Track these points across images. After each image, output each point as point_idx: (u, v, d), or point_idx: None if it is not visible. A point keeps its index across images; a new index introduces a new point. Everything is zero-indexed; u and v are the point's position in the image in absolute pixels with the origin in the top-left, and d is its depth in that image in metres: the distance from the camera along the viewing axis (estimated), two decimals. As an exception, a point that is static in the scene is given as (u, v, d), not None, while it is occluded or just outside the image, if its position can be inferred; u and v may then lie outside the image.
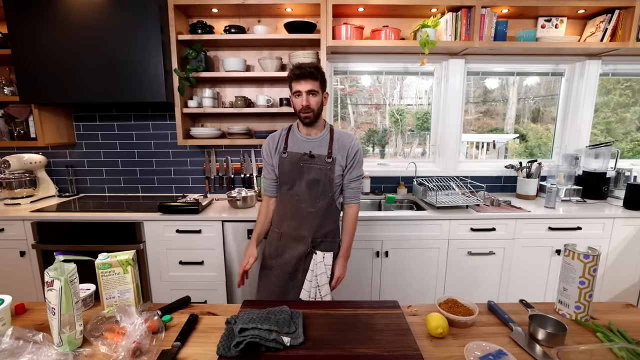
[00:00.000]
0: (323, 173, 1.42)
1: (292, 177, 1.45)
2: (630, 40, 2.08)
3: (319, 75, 1.37)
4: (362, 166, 1.49)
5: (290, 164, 1.44)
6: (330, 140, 1.45)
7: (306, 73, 1.34)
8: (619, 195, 2.32)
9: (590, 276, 0.94)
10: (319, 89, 1.38)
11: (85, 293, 1.04)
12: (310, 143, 1.45)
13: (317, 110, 1.40)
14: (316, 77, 1.36)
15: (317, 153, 1.43)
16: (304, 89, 1.35)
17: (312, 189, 1.43)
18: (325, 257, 1.46)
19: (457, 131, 2.51)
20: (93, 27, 2.01)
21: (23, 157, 2.29)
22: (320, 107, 1.41)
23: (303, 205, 1.45)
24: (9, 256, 2.03)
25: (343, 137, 1.46)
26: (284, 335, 0.83)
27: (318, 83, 1.37)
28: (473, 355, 0.79)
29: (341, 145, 1.44)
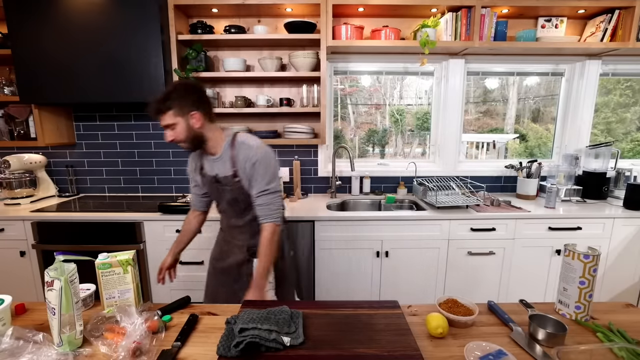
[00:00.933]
0: (237, 192, 1.35)
1: (215, 197, 1.44)
2: (630, 40, 2.08)
3: (166, 106, 1.24)
4: (270, 178, 1.32)
5: (209, 184, 1.41)
6: (232, 157, 1.33)
7: (153, 111, 1.25)
8: (619, 195, 2.32)
9: (590, 276, 0.94)
10: (175, 119, 1.25)
11: (85, 293, 1.04)
12: (215, 163, 1.37)
13: (190, 137, 1.29)
14: (163, 110, 1.24)
15: (222, 175, 1.35)
16: (162, 124, 1.27)
17: (234, 206, 1.40)
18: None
19: (457, 131, 2.51)
20: (93, 27, 2.01)
21: (23, 157, 2.29)
22: (192, 132, 1.28)
23: (232, 220, 1.45)
24: (9, 256, 2.03)
25: (243, 151, 1.32)
26: (284, 335, 0.83)
27: (172, 113, 1.25)
28: (473, 355, 0.79)
29: (242, 159, 1.32)
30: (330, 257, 2.04)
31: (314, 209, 2.13)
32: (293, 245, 1.58)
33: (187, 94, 1.27)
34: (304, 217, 1.99)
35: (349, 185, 2.57)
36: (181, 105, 1.26)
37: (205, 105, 1.31)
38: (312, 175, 2.57)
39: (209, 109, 1.33)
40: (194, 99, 1.28)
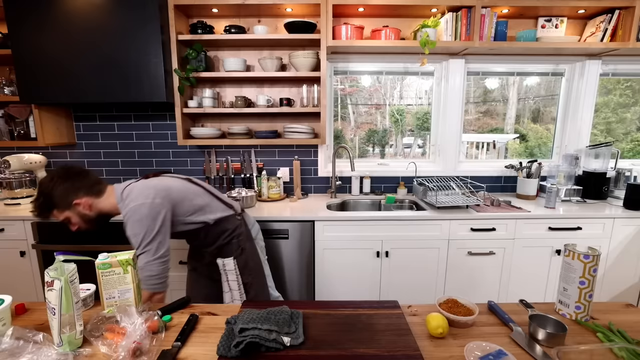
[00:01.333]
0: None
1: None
2: (631, 40, 2.08)
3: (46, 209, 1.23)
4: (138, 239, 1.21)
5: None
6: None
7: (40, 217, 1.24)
8: (619, 195, 2.32)
9: (591, 276, 0.94)
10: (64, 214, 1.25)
11: (85, 293, 1.04)
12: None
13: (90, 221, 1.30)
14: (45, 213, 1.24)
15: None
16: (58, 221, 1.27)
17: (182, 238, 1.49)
18: (225, 263, 1.46)
19: (457, 131, 2.51)
20: (93, 27, 2.01)
21: (23, 157, 2.29)
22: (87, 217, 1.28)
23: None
24: (9, 256, 2.03)
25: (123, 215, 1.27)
26: (284, 335, 0.83)
27: (56, 212, 1.24)
28: (473, 355, 0.79)
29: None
30: (330, 257, 2.04)
31: (314, 209, 2.13)
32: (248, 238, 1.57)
33: (58, 186, 1.22)
34: (304, 217, 1.99)
35: (349, 185, 2.57)
36: (60, 200, 1.22)
37: (84, 184, 1.26)
38: (312, 175, 2.57)
39: (90, 185, 1.28)
40: (68, 188, 1.22)
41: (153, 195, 1.25)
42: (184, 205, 1.35)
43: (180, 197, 1.34)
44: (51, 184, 1.22)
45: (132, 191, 1.26)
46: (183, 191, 1.37)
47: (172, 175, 1.46)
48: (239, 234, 1.50)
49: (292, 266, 2.07)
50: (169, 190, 1.32)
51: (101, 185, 1.32)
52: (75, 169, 1.29)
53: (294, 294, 2.11)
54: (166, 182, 1.36)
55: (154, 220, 1.22)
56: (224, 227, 1.46)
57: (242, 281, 1.49)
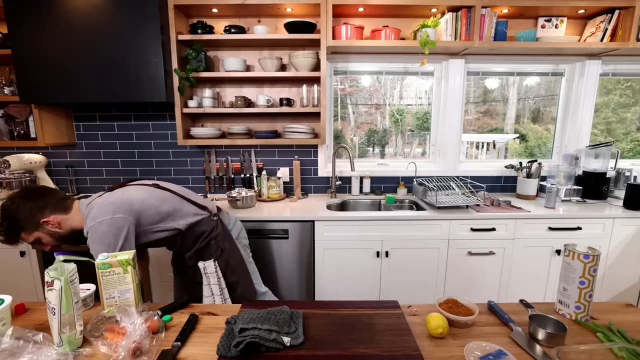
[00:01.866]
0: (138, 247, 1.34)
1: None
2: (630, 40, 2.08)
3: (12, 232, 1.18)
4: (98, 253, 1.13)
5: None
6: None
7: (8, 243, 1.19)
8: (619, 195, 2.32)
9: (590, 276, 0.94)
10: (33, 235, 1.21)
11: (85, 293, 1.04)
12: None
13: (62, 239, 1.25)
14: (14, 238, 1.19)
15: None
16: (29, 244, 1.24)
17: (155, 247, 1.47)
18: (206, 266, 1.43)
19: (457, 131, 2.51)
20: (93, 27, 2.01)
21: (23, 157, 2.29)
22: (58, 235, 1.24)
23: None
24: (9, 256, 2.03)
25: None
26: (284, 335, 0.83)
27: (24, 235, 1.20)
28: (473, 355, 0.79)
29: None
30: (330, 257, 2.04)
31: (314, 209, 2.13)
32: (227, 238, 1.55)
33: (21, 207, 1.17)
34: (304, 217, 1.99)
35: (349, 185, 2.57)
36: (26, 221, 1.19)
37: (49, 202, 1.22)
38: (312, 175, 2.57)
39: (56, 202, 1.23)
40: (32, 208, 1.18)
41: (113, 210, 1.22)
42: (148, 215, 1.31)
43: (143, 208, 1.30)
44: (14, 206, 1.17)
45: (93, 208, 1.23)
46: (146, 201, 1.32)
47: (138, 184, 1.42)
48: (216, 235, 1.47)
49: (292, 266, 2.07)
50: (131, 203, 1.28)
51: (67, 201, 1.28)
52: (38, 188, 1.25)
53: (294, 294, 2.11)
54: (128, 193, 1.32)
55: (116, 236, 1.20)
56: (199, 230, 1.43)
57: (227, 281, 1.47)
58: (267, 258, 2.05)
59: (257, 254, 1.92)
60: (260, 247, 2.02)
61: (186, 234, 1.41)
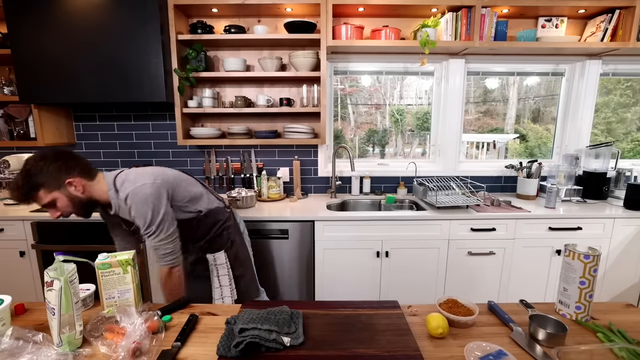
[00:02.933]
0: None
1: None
2: (631, 40, 2.08)
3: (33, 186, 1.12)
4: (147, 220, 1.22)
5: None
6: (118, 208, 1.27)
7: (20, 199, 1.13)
8: (620, 196, 2.32)
9: (591, 276, 0.94)
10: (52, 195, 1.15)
11: (85, 293, 1.04)
12: (116, 218, 1.32)
13: (78, 205, 1.22)
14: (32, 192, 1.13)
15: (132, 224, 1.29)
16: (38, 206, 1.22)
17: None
18: (216, 257, 1.46)
19: (457, 131, 2.51)
20: (93, 27, 2.01)
21: (23, 157, 2.29)
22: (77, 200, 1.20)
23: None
24: (9, 256, 2.03)
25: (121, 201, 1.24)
26: (284, 336, 0.83)
27: (43, 191, 1.14)
28: (473, 355, 0.79)
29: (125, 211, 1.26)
30: (330, 257, 2.04)
31: (314, 209, 2.13)
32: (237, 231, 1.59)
33: (49, 164, 1.14)
34: (304, 217, 1.99)
35: (349, 185, 2.57)
36: (50, 178, 1.14)
37: (78, 164, 1.21)
38: (312, 175, 2.57)
39: (83, 166, 1.23)
40: (60, 166, 1.16)
41: (152, 177, 1.25)
42: (179, 191, 1.34)
43: (177, 182, 1.34)
44: (42, 162, 1.13)
45: (128, 176, 1.25)
46: (178, 177, 1.37)
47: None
48: (228, 227, 1.51)
49: (292, 266, 2.07)
50: (166, 174, 1.31)
51: (93, 169, 1.28)
52: (68, 151, 1.24)
53: (294, 294, 2.11)
54: (161, 168, 1.36)
55: (159, 199, 1.23)
56: (215, 218, 1.46)
57: (233, 274, 1.49)
58: (267, 258, 2.05)
59: (257, 253, 1.92)
60: (260, 247, 2.02)
61: (203, 220, 1.43)
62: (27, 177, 1.11)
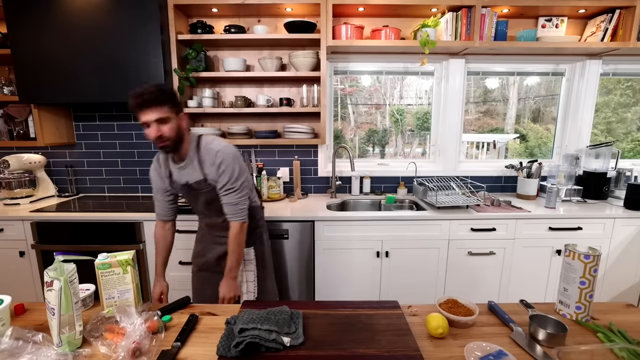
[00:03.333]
0: (210, 195, 1.38)
1: (190, 200, 1.47)
2: (631, 40, 2.08)
3: (165, 98, 1.20)
4: (234, 177, 1.34)
5: (182, 190, 1.42)
6: (199, 162, 1.34)
7: (149, 100, 1.17)
8: (620, 196, 2.32)
9: (591, 276, 0.94)
10: (169, 114, 1.22)
11: (85, 293, 1.04)
12: (183, 171, 1.37)
13: (176, 137, 1.26)
14: (162, 101, 1.19)
15: (193, 181, 1.36)
16: (151, 118, 1.18)
17: (210, 207, 1.43)
18: (246, 252, 1.49)
19: (457, 131, 2.51)
20: (93, 27, 2.01)
21: (22, 157, 2.29)
22: (178, 133, 1.27)
23: (211, 219, 1.48)
24: (9, 256, 2.03)
25: (208, 154, 1.33)
26: (284, 336, 0.83)
27: (167, 108, 1.20)
28: (473, 355, 0.79)
29: (209, 164, 1.33)
30: (331, 257, 2.04)
31: (314, 209, 2.13)
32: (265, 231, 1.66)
33: (176, 95, 1.27)
34: (304, 217, 1.99)
35: (349, 185, 2.57)
36: (176, 103, 1.25)
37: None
38: (312, 175, 2.57)
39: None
40: (180, 102, 1.29)
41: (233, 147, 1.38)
42: (247, 173, 1.43)
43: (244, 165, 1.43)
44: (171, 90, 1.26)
45: (215, 140, 1.36)
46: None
47: None
48: (262, 224, 1.59)
49: (292, 266, 2.07)
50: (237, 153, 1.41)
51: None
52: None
53: (294, 294, 2.11)
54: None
55: (241, 163, 1.38)
56: (255, 212, 1.53)
57: (257, 272, 1.52)
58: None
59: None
60: (260, 247, 2.02)
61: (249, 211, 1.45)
62: (162, 90, 1.20)
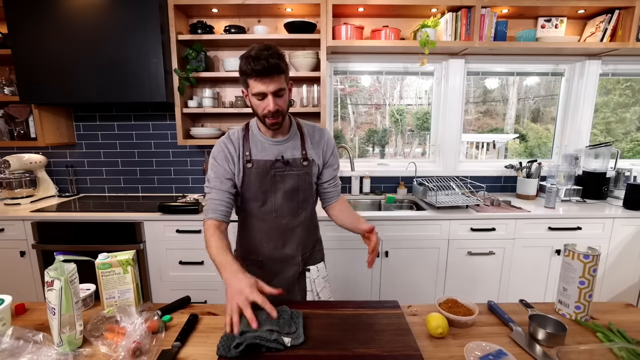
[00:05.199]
0: (301, 179, 1.17)
1: (263, 191, 1.16)
2: (630, 40, 2.08)
3: (285, 65, 1.04)
4: (337, 156, 1.29)
5: (258, 175, 1.14)
6: (301, 139, 1.19)
7: (271, 68, 0.98)
8: (619, 195, 2.32)
9: (590, 276, 0.94)
10: (285, 84, 1.05)
11: (85, 293, 1.04)
12: (279, 146, 1.16)
13: (286, 111, 1.12)
14: (283, 69, 1.02)
15: (290, 157, 1.16)
16: (270, 89, 1.01)
17: (291, 200, 1.18)
18: (319, 269, 1.29)
19: (457, 131, 2.51)
20: (93, 27, 2.01)
21: (23, 157, 2.29)
22: (287, 105, 1.11)
23: (284, 222, 1.19)
24: (9, 256, 2.03)
25: (315, 132, 1.22)
26: (285, 336, 0.83)
27: (284, 77, 1.04)
28: (473, 355, 0.79)
29: (315, 143, 1.21)
30: (330, 257, 2.03)
31: (314, 209, 2.13)
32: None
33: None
34: (304, 217, 1.99)
35: (349, 185, 2.57)
36: (288, 70, 1.07)
37: None
38: (312, 175, 2.57)
39: None
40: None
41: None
42: None
43: None
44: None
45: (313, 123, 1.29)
46: None
47: None
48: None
49: (292, 266, 2.06)
50: None
51: None
52: None
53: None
54: None
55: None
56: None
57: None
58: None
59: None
60: (260, 247, 2.02)
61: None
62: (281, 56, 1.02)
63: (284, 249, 1.22)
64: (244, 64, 1.00)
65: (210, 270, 2.04)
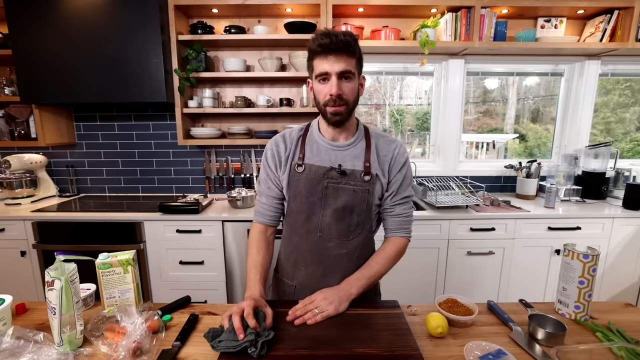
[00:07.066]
0: (359, 197, 0.99)
1: (311, 203, 0.99)
2: (630, 40, 2.08)
3: (357, 48, 0.91)
4: (411, 183, 1.08)
5: (308, 182, 0.99)
6: (367, 148, 1.01)
7: (339, 44, 0.86)
8: (619, 195, 2.32)
9: (590, 276, 0.94)
10: (355, 71, 0.92)
11: (85, 293, 1.04)
12: (338, 152, 1.00)
13: (353, 102, 0.95)
14: (353, 50, 0.89)
15: (349, 168, 0.98)
16: (335, 69, 0.88)
17: (342, 220, 1.00)
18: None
19: (457, 131, 2.52)
20: (93, 27, 2.01)
21: (24, 157, 2.29)
22: (356, 99, 0.96)
23: (330, 245, 1.01)
24: (10, 256, 2.03)
25: (384, 143, 1.03)
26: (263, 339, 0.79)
27: (354, 61, 0.91)
28: (473, 354, 0.79)
29: (382, 156, 1.02)
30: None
31: (314, 209, 2.13)
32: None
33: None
34: (304, 217, 1.99)
35: (348, 185, 2.57)
36: (362, 60, 0.96)
37: None
38: (312, 175, 2.57)
39: None
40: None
41: None
42: None
43: None
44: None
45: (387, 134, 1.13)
46: None
47: None
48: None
49: (292, 266, 2.07)
50: None
51: None
52: None
53: (294, 294, 2.11)
54: None
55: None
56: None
57: None
58: (267, 258, 2.05)
59: (257, 254, 1.92)
60: (260, 247, 2.02)
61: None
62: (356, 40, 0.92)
63: (323, 278, 1.03)
64: (312, 42, 0.89)
65: (210, 270, 2.05)
